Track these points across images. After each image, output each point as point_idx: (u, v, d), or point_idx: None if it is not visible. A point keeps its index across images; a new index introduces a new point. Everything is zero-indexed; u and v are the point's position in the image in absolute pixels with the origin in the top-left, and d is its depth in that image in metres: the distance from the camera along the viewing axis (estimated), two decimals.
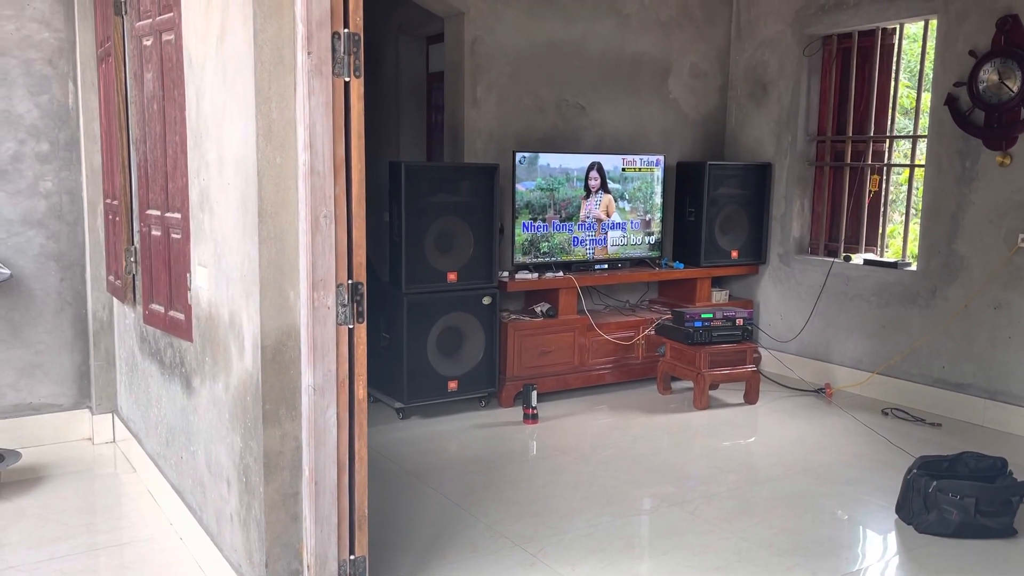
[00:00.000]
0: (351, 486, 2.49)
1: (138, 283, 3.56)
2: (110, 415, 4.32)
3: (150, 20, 3.06)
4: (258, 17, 2.25)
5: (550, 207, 5.16)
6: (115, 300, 4.12)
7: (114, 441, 4.32)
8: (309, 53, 2.28)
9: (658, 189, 5.60)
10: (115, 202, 3.80)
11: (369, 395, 5.05)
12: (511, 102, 5.23)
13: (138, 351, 3.78)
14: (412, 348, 4.61)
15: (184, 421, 3.15)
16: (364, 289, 2.43)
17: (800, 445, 4.39)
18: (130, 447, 4.02)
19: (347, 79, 2.35)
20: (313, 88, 2.30)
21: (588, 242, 5.38)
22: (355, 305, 2.42)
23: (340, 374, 2.43)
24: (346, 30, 2.33)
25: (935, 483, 3.28)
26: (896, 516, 3.48)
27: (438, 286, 4.65)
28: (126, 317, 3.96)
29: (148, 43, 3.09)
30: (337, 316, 2.41)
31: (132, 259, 3.64)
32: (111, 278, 4.00)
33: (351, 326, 2.43)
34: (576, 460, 4.13)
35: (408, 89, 6.43)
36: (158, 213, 3.17)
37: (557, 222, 5.20)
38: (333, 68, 2.33)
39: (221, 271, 2.62)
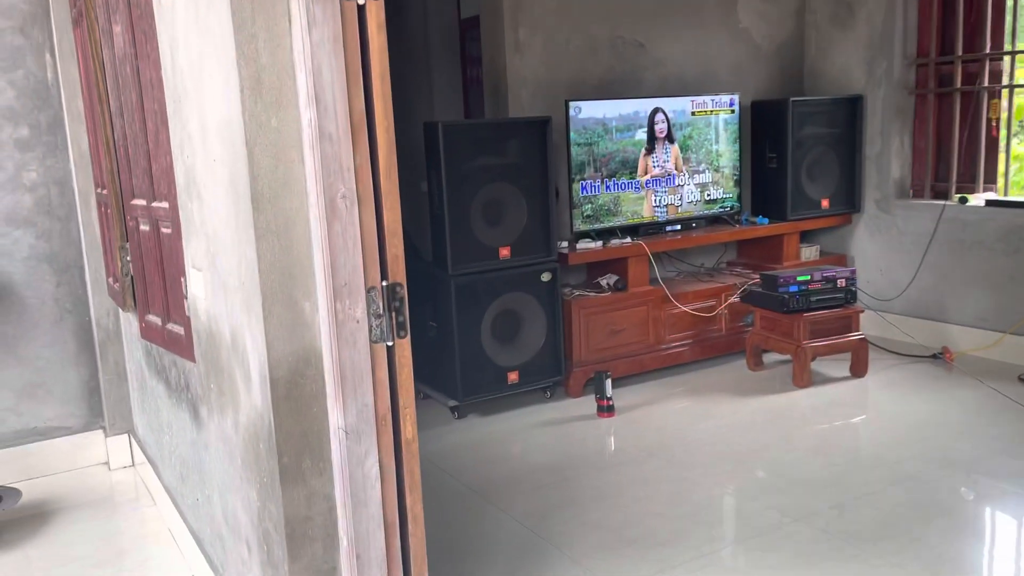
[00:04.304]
0: (404, 556, 1.87)
1: (136, 288, 2.97)
2: (126, 435, 3.77)
3: None
4: None
5: (588, 165, 4.43)
6: None
7: (133, 464, 3.78)
8: None
9: (733, 134, 4.85)
10: (105, 191, 3.20)
11: (419, 391, 4.46)
12: (559, 44, 4.51)
13: (145, 366, 3.21)
14: (464, 337, 3.97)
15: (196, 457, 2.56)
16: (404, 291, 1.78)
17: (933, 428, 3.68)
18: (149, 473, 3.47)
19: (361, 1, 1.68)
20: (315, 17, 1.63)
21: (656, 201, 4.67)
22: (394, 314, 1.78)
23: (380, 409, 1.80)
24: None
25: None
26: None
27: (489, 264, 3.99)
28: (131, 325, 3.38)
29: None
30: (371, 331, 1.77)
31: (127, 258, 3.04)
32: (110, 280, 3.42)
33: (390, 343, 1.79)
34: (667, 464, 3.47)
35: (439, 40, 5.72)
36: (144, 203, 2.55)
37: (595, 182, 4.46)
38: None
39: (217, 276, 2.00)
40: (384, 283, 1.77)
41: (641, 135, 4.55)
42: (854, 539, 2.77)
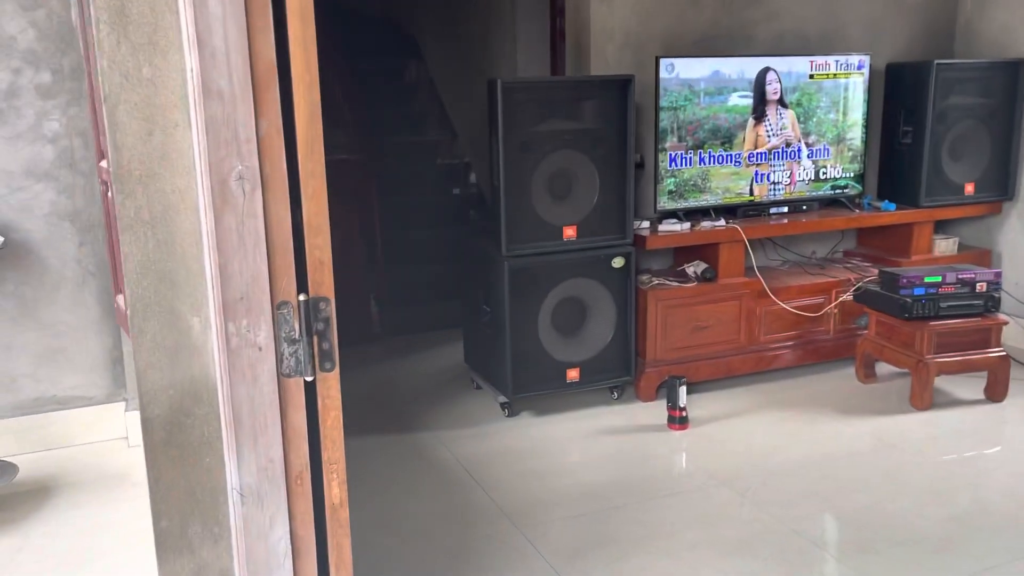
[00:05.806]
0: None
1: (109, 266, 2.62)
2: None
3: None
4: None
5: (672, 133, 3.78)
6: None
7: None
8: None
9: (859, 101, 4.10)
10: None
11: (471, 380, 4.01)
12: None
13: None
14: (518, 327, 3.48)
15: None
16: (331, 308, 1.30)
17: None
18: None
19: None
20: None
21: (765, 177, 4.00)
22: (315, 340, 1.30)
23: (293, 465, 1.34)
24: None
25: None
26: None
27: (551, 245, 3.47)
28: None
29: None
30: (280, 362, 1.30)
31: None
32: None
33: (310, 377, 1.32)
34: (739, 498, 2.90)
35: None
36: (107, 166, 2.17)
37: (685, 154, 3.80)
38: None
39: None
40: (302, 297, 1.30)
41: (737, 100, 3.87)
42: None
